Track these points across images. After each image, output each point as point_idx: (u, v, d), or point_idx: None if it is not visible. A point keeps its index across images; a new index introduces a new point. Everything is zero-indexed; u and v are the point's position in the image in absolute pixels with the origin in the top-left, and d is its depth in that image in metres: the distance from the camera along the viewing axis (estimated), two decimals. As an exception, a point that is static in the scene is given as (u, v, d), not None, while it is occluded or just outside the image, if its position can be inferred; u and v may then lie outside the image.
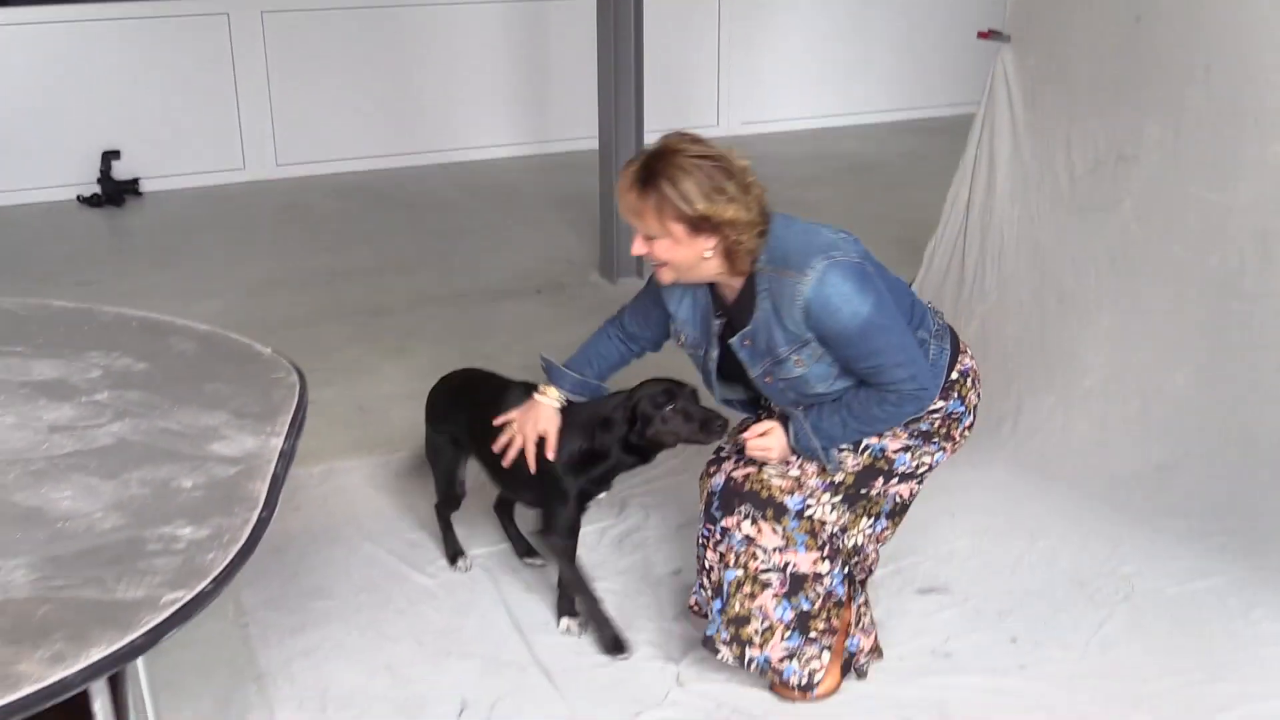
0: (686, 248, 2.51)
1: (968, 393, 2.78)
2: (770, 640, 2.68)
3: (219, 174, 7.56)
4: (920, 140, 8.78)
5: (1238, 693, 2.85)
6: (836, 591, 2.70)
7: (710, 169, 2.47)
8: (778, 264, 2.53)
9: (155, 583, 1.54)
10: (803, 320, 2.52)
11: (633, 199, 2.51)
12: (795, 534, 2.64)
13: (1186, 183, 3.90)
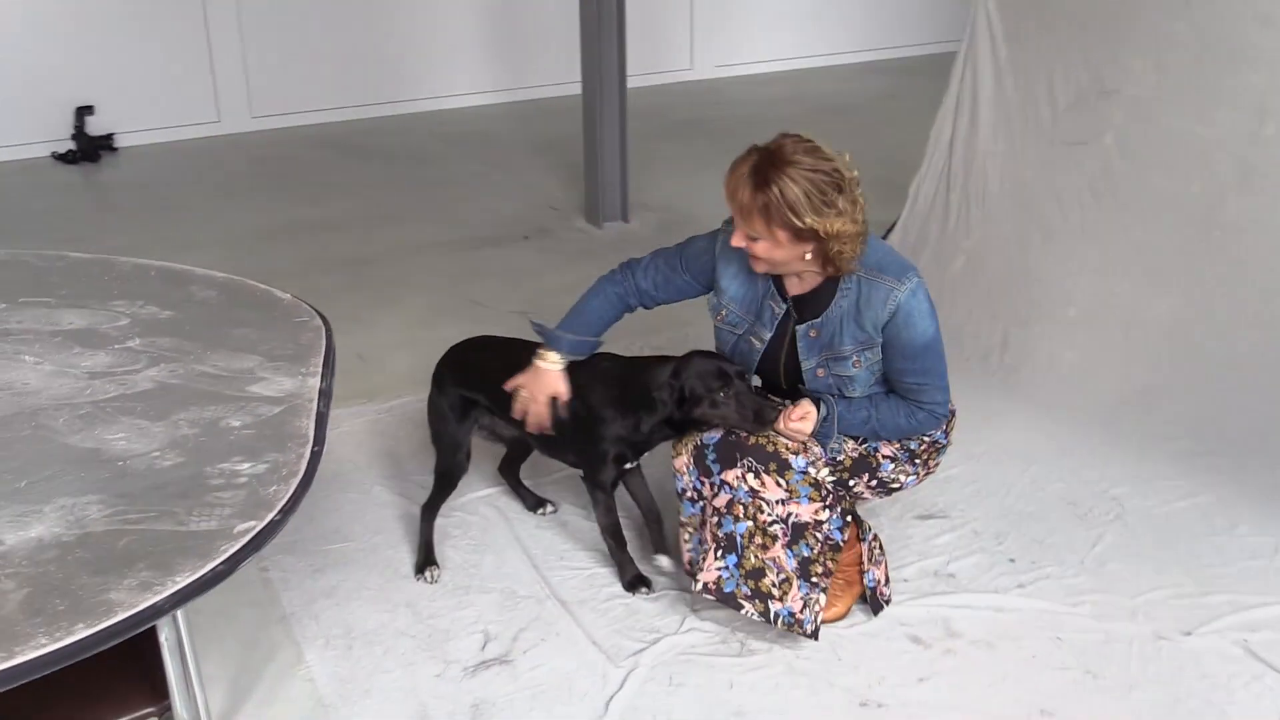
0: (787, 251, 2.61)
1: (951, 430, 2.91)
2: (789, 592, 2.77)
3: (194, 127, 7.52)
4: (893, 80, 8.84)
5: (1227, 602, 2.98)
6: (834, 537, 2.79)
7: (822, 183, 2.53)
8: (871, 269, 2.66)
9: (225, 514, 1.60)
10: (885, 323, 2.65)
11: (745, 199, 2.56)
12: (799, 486, 2.73)
13: (1168, 115, 3.99)
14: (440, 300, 4.99)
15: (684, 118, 7.98)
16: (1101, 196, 4.18)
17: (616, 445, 2.93)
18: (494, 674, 2.78)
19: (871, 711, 2.64)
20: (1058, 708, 2.64)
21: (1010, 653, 2.82)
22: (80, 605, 1.41)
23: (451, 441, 3.17)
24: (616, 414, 2.89)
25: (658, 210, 6.05)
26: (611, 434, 2.91)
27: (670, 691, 2.71)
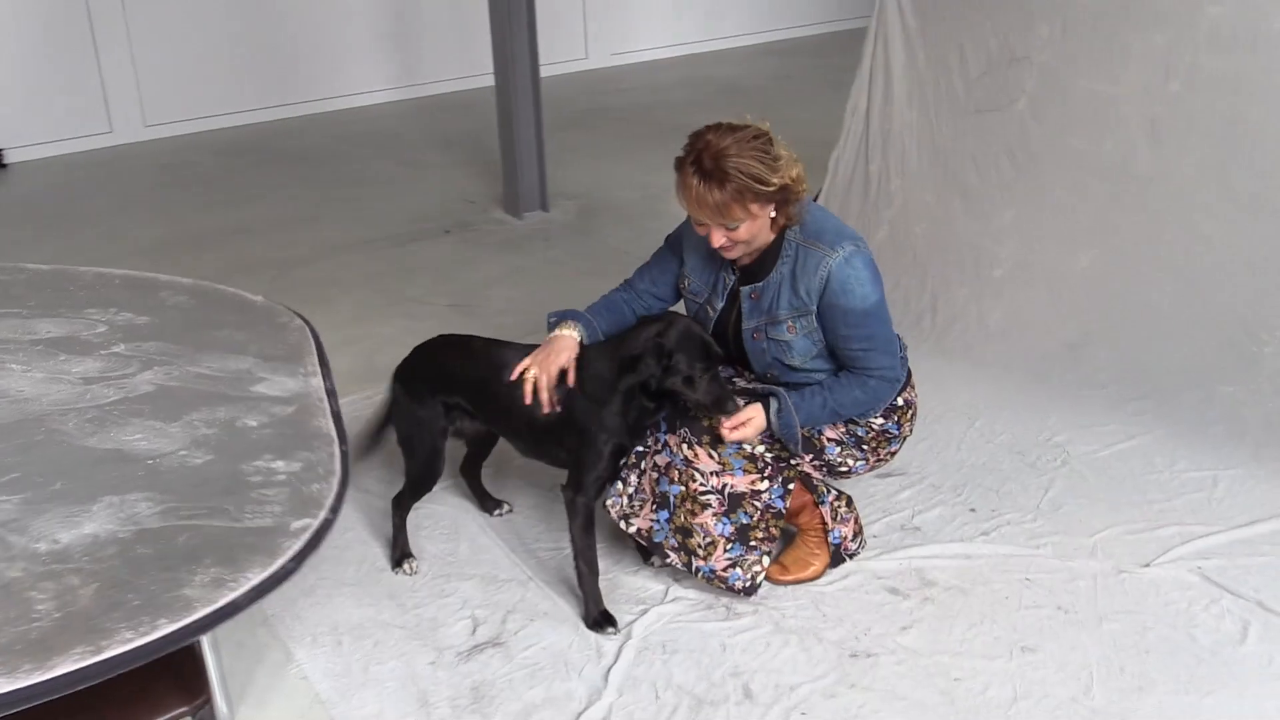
0: (761, 220, 2.71)
1: (905, 422, 2.99)
2: (714, 552, 2.86)
3: (86, 139, 7.34)
4: (785, 60, 9.00)
5: (1177, 533, 3.15)
6: (776, 505, 2.87)
7: (760, 145, 2.65)
8: (810, 236, 2.76)
9: (277, 512, 1.60)
10: (818, 290, 2.73)
11: (715, 198, 2.63)
12: (732, 459, 2.80)
13: (1077, 77, 4.16)
14: (370, 298, 4.97)
15: (585, 107, 8.03)
16: (1017, 159, 4.34)
17: (612, 435, 2.84)
18: (489, 656, 2.80)
19: (862, 662, 2.73)
20: (1037, 643, 2.76)
21: (984, 596, 2.94)
22: (156, 601, 1.40)
23: (430, 449, 3.09)
24: (609, 397, 2.81)
25: (576, 198, 6.09)
26: (607, 422, 2.82)
27: (665, 659, 2.76)
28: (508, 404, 2.95)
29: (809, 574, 3.02)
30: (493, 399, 3.00)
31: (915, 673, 2.69)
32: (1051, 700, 2.59)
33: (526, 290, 5.02)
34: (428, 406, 3.06)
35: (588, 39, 8.94)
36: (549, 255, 5.41)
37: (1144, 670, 2.67)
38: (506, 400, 2.94)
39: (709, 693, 2.65)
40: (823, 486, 3.04)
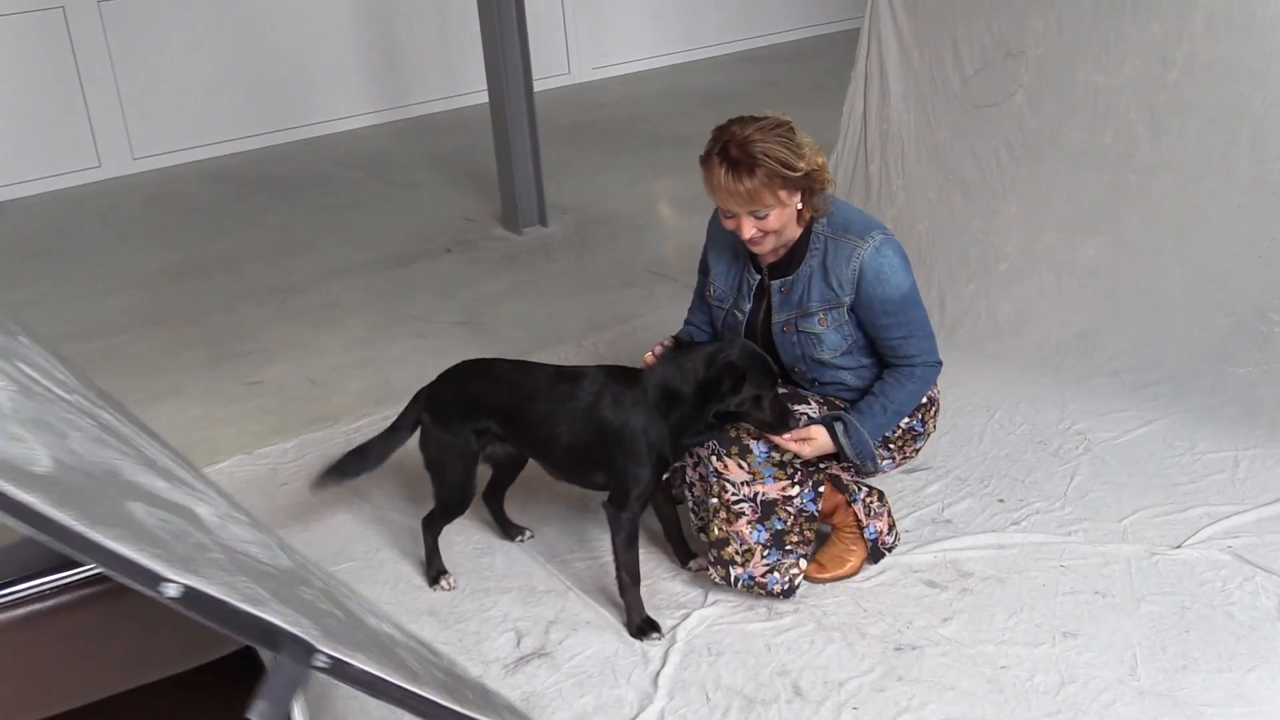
0: (789, 209, 2.75)
1: (930, 419, 3.02)
2: (751, 559, 2.88)
3: (75, 174, 7.31)
4: (767, 67, 9.05)
5: (1205, 514, 3.19)
6: (808, 509, 2.89)
7: (784, 133, 2.71)
8: (838, 229, 2.81)
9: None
10: (851, 281, 2.77)
11: (746, 185, 2.68)
12: (762, 468, 2.82)
13: (1074, 70, 4.21)
14: (377, 319, 4.97)
15: (570, 121, 8.05)
16: (1017, 153, 4.39)
17: (656, 449, 2.80)
18: (535, 667, 2.82)
19: (907, 655, 2.75)
20: (1078, 628, 2.79)
21: (1021, 585, 2.97)
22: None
23: (461, 476, 3.04)
24: (652, 417, 2.79)
25: (573, 211, 6.11)
26: (653, 438, 2.79)
27: (712, 661, 2.78)
28: (541, 427, 2.92)
29: (846, 570, 3.04)
30: (525, 423, 2.96)
31: (961, 663, 2.71)
32: (1098, 683, 2.62)
33: (533, 305, 5.04)
34: (458, 434, 3.00)
35: (569, 53, 8.97)
36: (552, 269, 5.43)
37: (1186, 649, 2.71)
38: (539, 423, 2.92)
39: (759, 692, 2.67)
40: (853, 485, 3.07)
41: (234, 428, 4.10)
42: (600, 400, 2.84)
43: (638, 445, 2.80)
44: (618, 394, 2.83)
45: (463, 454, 3.02)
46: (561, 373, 2.96)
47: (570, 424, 2.86)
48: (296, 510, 3.56)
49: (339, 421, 4.08)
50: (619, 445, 2.81)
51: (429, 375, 4.33)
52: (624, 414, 2.80)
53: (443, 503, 3.12)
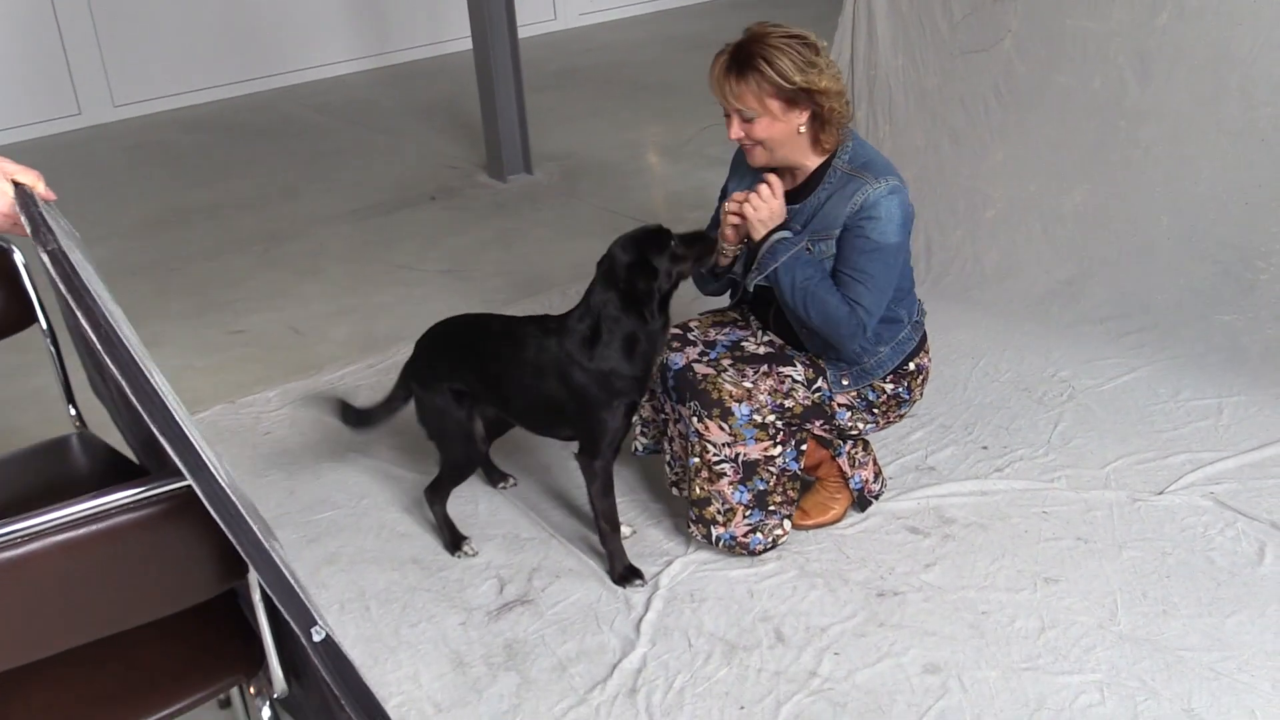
0: (783, 123, 2.67)
1: (916, 387, 2.96)
2: (733, 519, 2.88)
3: (54, 122, 7.24)
4: (753, 13, 8.88)
5: (1187, 460, 3.19)
6: (790, 468, 2.88)
7: (799, 45, 2.63)
8: (858, 166, 2.73)
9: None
10: (848, 213, 2.68)
11: (732, 83, 2.64)
12: (743, 430, 2.79)
13: (1063, 15, 4.17)
14: (362, 267, 4.94)
15: (557, 68, 7.98)
16: (1005, 99, 4.35)
17: (622, 395, 2.75)
18: (518, 614, 2.82)
19: (889, 600, 2.76)
20: (1060, 574, 2.80)
21: (1003, 531, 2.97)
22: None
23: (458, 433, 2.98)
24: (616, 360, 2.73)
25: (559, 159, 6.06)
26: (615, 384, 2.74)
27: (695, 607, 2.79)
28: (501, 386, 2.89)
29: (830, 517, 3.04)
30: (494, 381, 2.90)
31: (943, 608, 2.72)
32: (1078, 628, 2.63)
33: (517, 253, 5.01)
34: (442, 396, 2.95)
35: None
36: (537, 217, 5.39)
37: (1166, 595, 2.72)
38: (498, 382, 2.89)
39: (741, 638, 2.68)
40: (836, 441, 3.05)
41: (217, 377, 4.08)
42: (546, 353, 2.78)
43: (600, 393, 2.74)
44: (560, 344, 2.77)
45: (453, 415, 2.96)
46: (508, 328, 2.90)
47: (527, 381, 2.82)
48: (280, 459, 3.54)
49: (322, 370, 4.06)
50: (581, 396, 2.76)
51: (413, 323, 4.33)
52: (578, 364, 2.74)
53: (448, 465, 3.05)
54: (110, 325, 1.48)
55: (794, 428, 2.84)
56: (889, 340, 2.85)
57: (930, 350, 2.98)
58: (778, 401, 2.79)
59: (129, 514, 1.55)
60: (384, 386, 3.85)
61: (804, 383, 2.82)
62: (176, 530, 1.60)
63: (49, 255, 1.58)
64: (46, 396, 2.82)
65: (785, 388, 2.79)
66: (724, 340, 2.94)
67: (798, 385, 2.82)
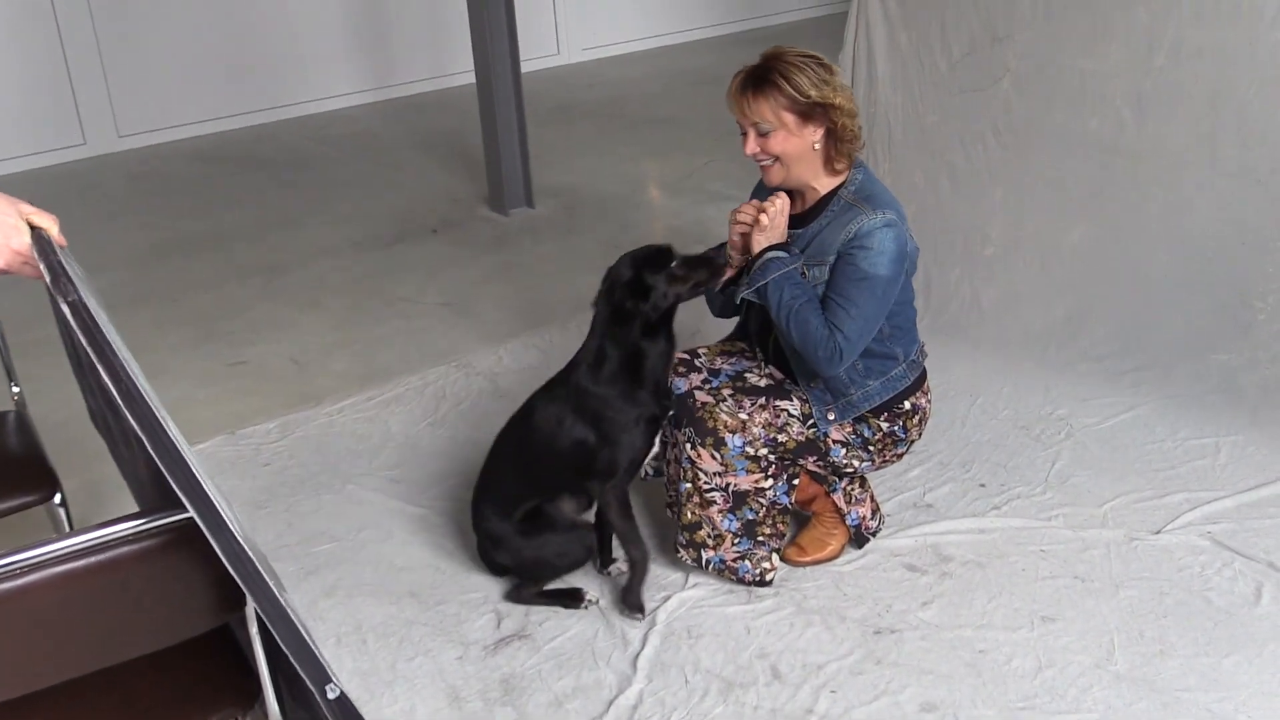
0: (798, 138, 2.73)
1: (912, 427, 2.96)
2: (722, 544, 2.88)
3: (59, 152, 7.26)
4: (758, 49, 8.90)
5: (1185, 499, 3.20)
6: (781, 501, 2.88)
7: (815, 64, 2.71)
8: (861, 197, 2.77)
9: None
10: (842, 242, 2.71)
11: (749, 98, 2.71)
12: (734, 461, 2.80)
13: (1060, 55, 4.20)
14: (362, 299, 4.96)
15: (559, 102, 8.03)
16: (1004, 137, 4.38)
17: (642, 408, 2.75)
18: (515, 649, 2.82)
19: (886, 638, 2.76)
20: (1057, 613, 2.80)
21: (1001, 569, 2.98)
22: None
23: (551, 556, 2.95)
24: (622, 382, 2.75)
25: (560, 194, 6.09)
26: (637, 402, 2.75)
27: (692, 643, 2.79)
28: (541, 458, 2.86)
29: (827, 554, 3.05)
30: (532, 466, 2.89)
31: (939, 646, 2.72)
32: (1075, 667, 2.63)
33: (518, 287, 5.03)
34: (512, 527, 2.93)
35: (559, 34, 8.94)
36: (538, 251, 5.41)
37: (1163, 634, 2.72)
38: (540, 454, 2.86)
39: (738, 675, 2.67)
40: (831, 477, 3.05)
41: (217, 408, 4.08)
42: (556, 401, 2.82)
43: (619, 415, 2.74)
44: (568, 381, 2.82)
45: (526, 541, 2.92)
46: (524, 410, 2.93)
47: (554, 440, 2.82)
48: (279, 491, 3.55)
49: (322, 402, 4.07)
50: (597, 419, 2.76)
51: (413, 357, 4.36)
52: (586, 390, 2.77)
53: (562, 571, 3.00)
54: (131, 380, 1.49)
55: (787, 462, 2.85)
56: (879, 375, 2.85)
57: (930, 392, 2.98)
58: (771, 435, 2.80)
59: (129, 546, 1.56)
60: (382, 420, 3.90)
61: (799, 418, 2.83)
62: (175, 563, 1.61)
63: (69, 306, 1.60)
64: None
65: (780, 422, 2.80)
66: (728, 370, 2.96)
67: (793, 420, 2.82)
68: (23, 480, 2.61)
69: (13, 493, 2.57)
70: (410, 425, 3.88)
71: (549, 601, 2.96)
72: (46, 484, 2.61)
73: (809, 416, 2.84)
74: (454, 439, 3.77)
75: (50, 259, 1.77)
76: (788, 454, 2.84)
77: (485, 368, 4.25)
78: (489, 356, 4.33)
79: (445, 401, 4.03)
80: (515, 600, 2.96)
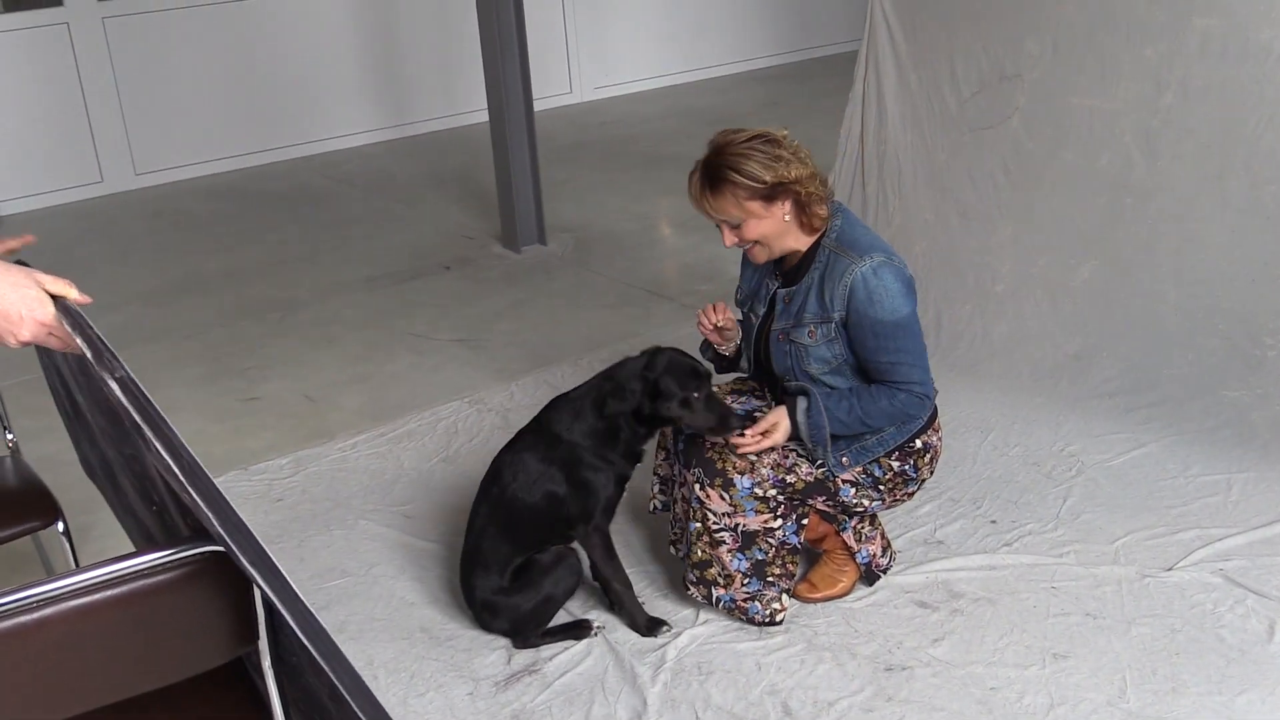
0: (769, 219, 2.77)
1: (923, 466, 2.96)
2: (732, 584, 2.89)
3: (77, 189, 7.35)
4: (770, 87, 9.09)
5: (1197, 536, 3.19)
6: (790, 541, 2.88)
7: (759, 144, 2.73)
8: (844, 244, 2.80)
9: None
10: (844, 298, 2.74)
11: (710, 199, 2.77)
12: (743, 502, 2.81)
13: (1069, 93, 4.24)
14: (376, 336, 4.99)
15: (571, 141, 8.09)
16: (1014, 175, 4.41)
17: (612, 467, 2.87)
18: (525, 685, 2.82)
19: (897, 675, 2.76)
20: (1068, 650, 2.80)
21: (1012, 606, 2.97)
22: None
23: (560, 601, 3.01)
24: (595, 439, 2.85)
25: (572, 231, 6.13)
26: (606, 458, 2.86)
27: (702, 680, 2.78)
28: (518, 515, 2.92)
29: (838, 590, 3.05)
30: (509, 524, 2.93)
31: (951, 684, 2.72)
32: (1087, 705, 2.62)
33: (531, 323, 5.05)
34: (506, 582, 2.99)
35: (571, 73, 9.02)
36: (551, 288, 5.44)
37: (1175, 672, 2.71)
38: (517, 512, 2.92)
39: (748, 711, 2.67)
40: (841, 516, 3.05)
41: (230, 444, 4.11)
42: (554, 442, 2.89)
43: (589, 473, 2.86)
44: (542, 429, 2.92)
45: (522, 595, 2.95)
46: (494, 469, 2.99)
47: (530, 495, 2.90)
48: (291, 527, 3.56)
49: (335, 438, 4.09)
50: (569, 464, 2.86)
51: (425, 392, 4.39)
52: (559, 438, 2.87)
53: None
54: (192, 455, 1.51)
55: (795, 502, 2.85)
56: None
57: (941, 429, 2.99)
58: (780, 476, 2.81)
59: (148, 579, 1.58)
60: (395, 455, 3.92)
61: (808, 458, 2.83)
62: (193, 595, 1.62)
63: (118, 383, 1.61)
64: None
65: (789, 463, 2.81)
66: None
67: (801, 460, 2.83)
68: (24, 508, 2.65)
69: (16, 520, 2.61)
70: (422, 461, 3.90)
71: (558, 639, 2.96)
72: (48, 511, 2.65)
73: (819, 457, 2.85)
74: (466, 475, 3.78)
75: (87, 332, 1.77)
76: (796, 494, 2.84)
77: (498, 403, 4.27)
78: (501, 392, 4.35)
79: (458, 437, 4.05)
80: (525, 646, 2.96)
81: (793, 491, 2.83)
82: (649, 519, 3.35)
